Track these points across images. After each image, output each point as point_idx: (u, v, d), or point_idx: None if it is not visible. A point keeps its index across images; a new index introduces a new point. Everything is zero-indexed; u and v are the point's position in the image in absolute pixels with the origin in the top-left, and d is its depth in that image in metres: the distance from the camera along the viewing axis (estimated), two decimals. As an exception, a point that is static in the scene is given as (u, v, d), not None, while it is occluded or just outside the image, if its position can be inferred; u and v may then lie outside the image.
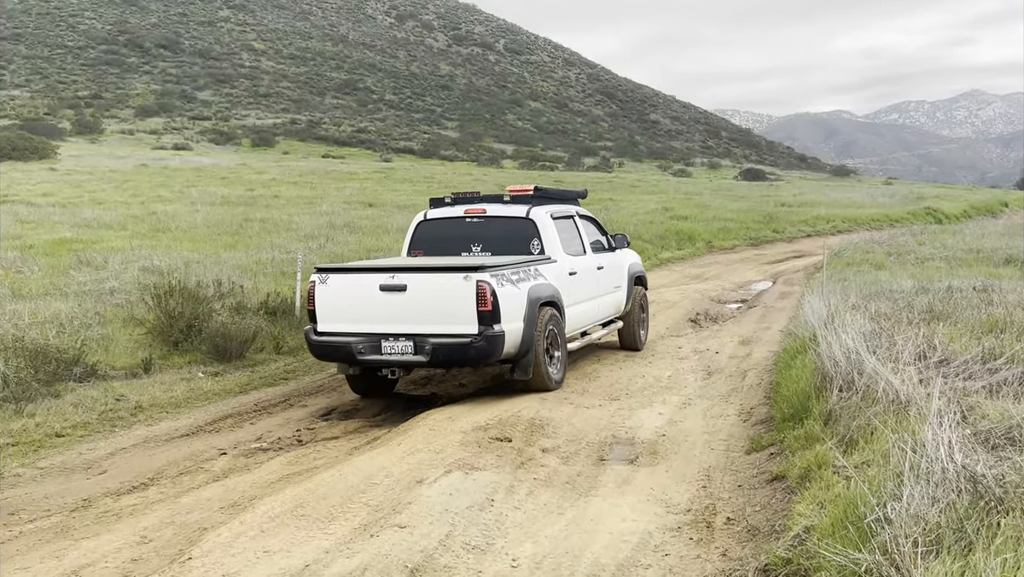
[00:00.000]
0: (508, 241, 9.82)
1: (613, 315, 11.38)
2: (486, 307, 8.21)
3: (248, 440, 7.82)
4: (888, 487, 4.34)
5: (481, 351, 8.24)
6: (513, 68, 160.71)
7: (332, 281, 8.63)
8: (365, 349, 8.47)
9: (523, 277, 8.75)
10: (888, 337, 7.82)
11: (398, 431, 7.70)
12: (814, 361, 7.74)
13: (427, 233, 10.11)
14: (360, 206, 27.71)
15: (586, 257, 10.49)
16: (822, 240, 27.48)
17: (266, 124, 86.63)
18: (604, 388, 9.54)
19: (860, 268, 18.03)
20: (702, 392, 9.46)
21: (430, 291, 8.32)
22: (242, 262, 15.52)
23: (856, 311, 9.51)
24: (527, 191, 10.29)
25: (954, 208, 44.35)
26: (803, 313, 11.07)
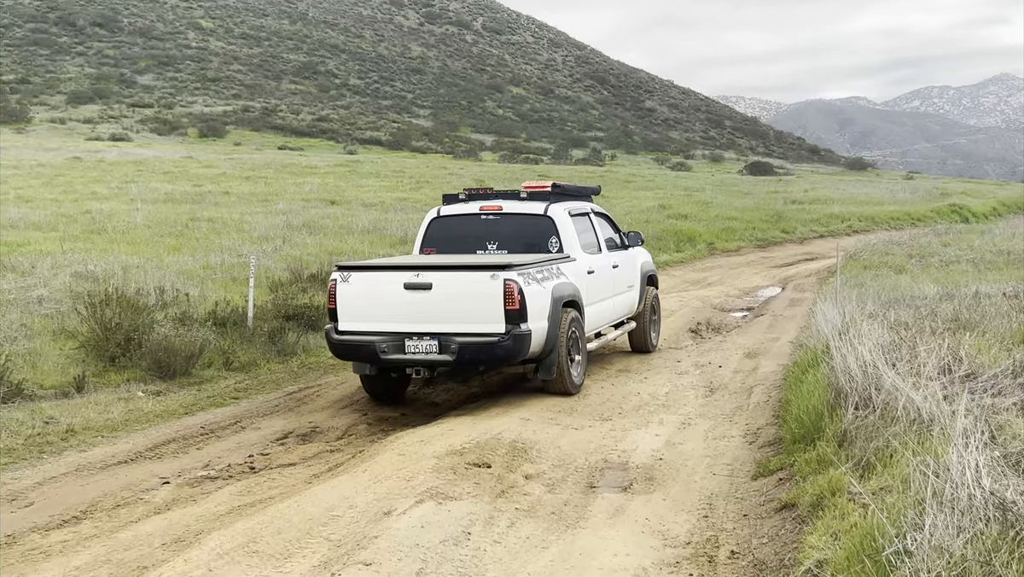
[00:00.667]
0: (525, 239, 10.60)
1: (626, 315, 12.13)
2: (513, 306, 8.97)
3: (194, 467, 7.78)
4: (909, 516, 4.37)
5: (508, 350, 8.99)
6: (493, 50, 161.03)
7: (354, 279, 9.35)
8: (388, 348, 9.17)
9: (547, 276, 9.53)
10: (909, 349, 7.88)
11: (363, 457, 7.68)
12: (827, 376, 7.79)
13: (440, 230, 10.81)
14: (321, 204, 27.66)
15: (602, 255, 11.26)
16: (836, 241, 27.69)
17: (215, 112, 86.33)
18: (594, 407, 9.56)
19: (878, 272, 18.16)
20: (703, 411, 9.49)
21: (456, 290, 9.07)
22: (187, 267, 15.45)
23: (874, 320, 9.58)
24: (544, 187, 11.01)
25: (982, 205, 44.80)
26: (815, 322, 11.14)
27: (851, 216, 36.58)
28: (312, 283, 14.71)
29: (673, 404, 9.79)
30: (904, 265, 19.33)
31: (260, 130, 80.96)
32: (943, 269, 18.16)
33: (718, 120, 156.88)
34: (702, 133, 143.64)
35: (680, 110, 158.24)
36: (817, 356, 9.15)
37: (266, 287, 14.19)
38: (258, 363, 11.34)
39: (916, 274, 17.24)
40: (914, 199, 47.10)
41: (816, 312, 11.95)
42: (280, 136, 79.02)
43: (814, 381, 8.14)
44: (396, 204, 28.42)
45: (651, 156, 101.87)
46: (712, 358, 12.43)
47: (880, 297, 12.65)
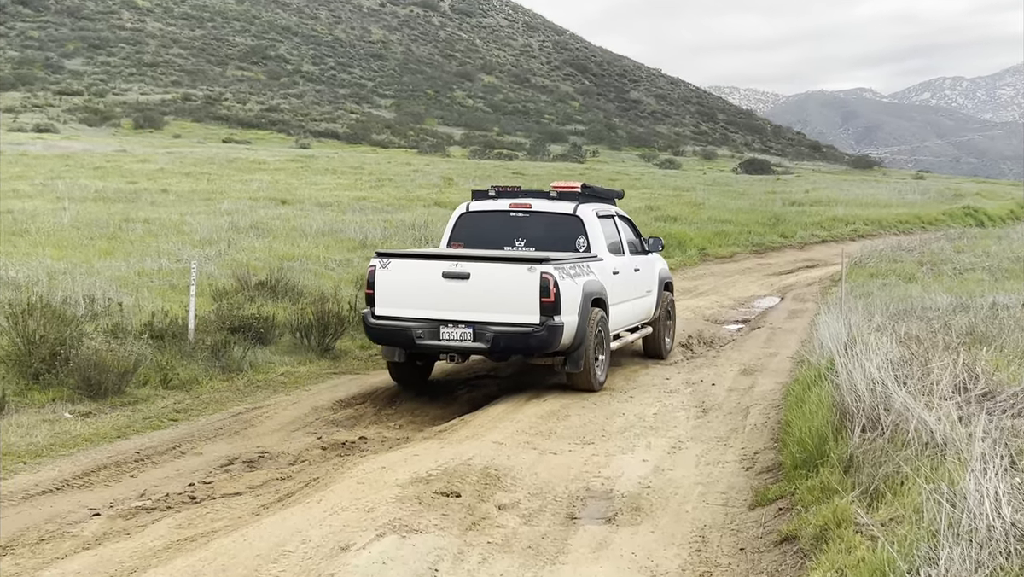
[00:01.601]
0: (553, 238, 12.02)
1: (643, 320, 13.49)
2: (549, 299, 10.47)
3: (128, 497, 7.70)
4: (922, 549, 4.40)
5: (542, 340, 10.54)
6: (462, 34, 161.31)
7: (393, 266, 10.91)
8: (424, 334, 10.70)
9: (579, 272, 11.06)
10: (921, 365, 7.95)
11: (317, 485, 7.64)
12: (831, 395, 7.84)
13: (468, 226, 12.32)
14: (270, 203, 27.57)
15: (625, 258, 12.74)
16: (840, 246, 27.92)
17: (152, 101, 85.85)
18: (575, 429, 9.57)
19: (886, 281, 18.33)
20: (695, 433, 9.52)
21: (493, 280, 10.61)
22: (121, 273, 15.34)
23: (882, 333, 9.66)
24: (573, 188, 12.51)
25: (998, 208, 45.33)
26: (818, 336, 11.22)
27: (856, 219, 36.91)
28: (260, 291, 14.65)
29: (662, 426, 9.82)
30: (914, 273, 19.52)
31: (202, 121, 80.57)
32: (957, 277, 18.36)
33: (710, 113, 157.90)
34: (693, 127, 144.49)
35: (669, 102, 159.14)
36: (820, 373, 9.21)
37: (209, 296, 14.11)
38: (200, 381, 11.26)
39: (927, 283, 17.41)
40: (924, 201, 47.59)
41: (818, 325, 12.03)
42: (225, 128, 78.67)
43: (817, 401, 8.19)
44: (354, 204, 28.38)
45: (637, 152, 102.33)
46: (704, 375, 12.48)
47: (888, 308, 12.76)
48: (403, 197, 32.43)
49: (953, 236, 28.42)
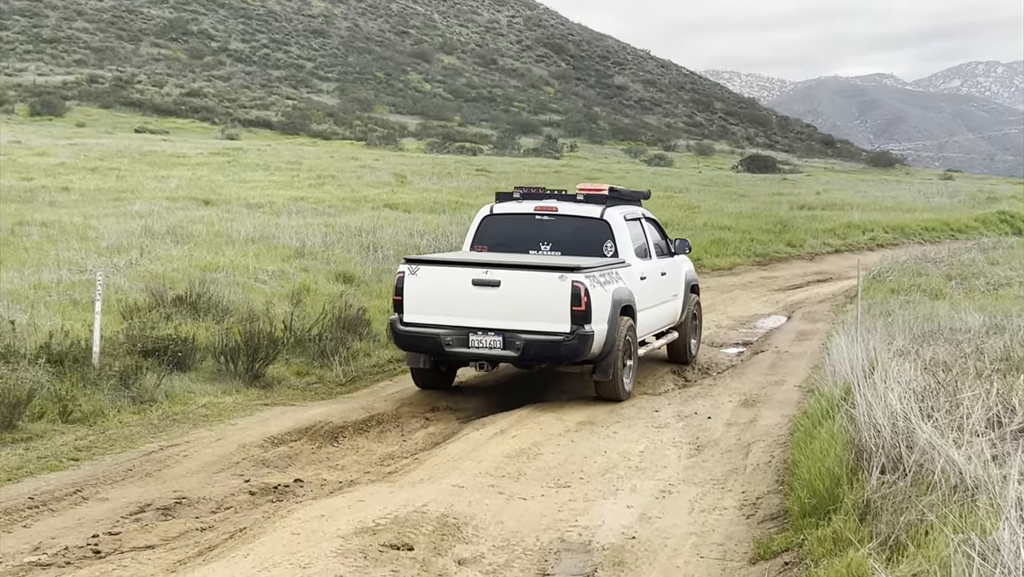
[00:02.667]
0: (579, 242, 13.52)
1: (669, 324, 15.06)
2: (580, 307, 11.95)
3: (19, 551, 7.63)
4: (949, 609, 4.43)
5: (572, 349, 12.04)
6: (418, 7, 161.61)
7: (422, 273, 12.44)
8: (453, 341, 12.25)
9: (608, 280, 12.53)
10: (949, 396, 8.03)
11: (245, 536, 7.59)
12: (846, 430, 7.89)
13: (492, 228, 13.84)
14: (191, 204, 27.44)
15: (652, 262, 14.30)
16: (856, 257, 28.16)
17: (51, 83, 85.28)
18: (548, 470, 9.57)
19: (909, 297, 18.49)
20: (688, 475, 9.55)
21: (524, 288, 12.13)
22: (13, 286, 15.20)
23: (904, 359, 9.74)
24: (600, 191, 13.99)
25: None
26: (830, 361, 11.30)
27: (874, 226, 37.20)
28: (178, 308, 14.56)
29: (650, 466, 9.84)
30: (942, 289, 19.70)
31: (111, 107, 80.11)
32: (991, 294, 18.54)
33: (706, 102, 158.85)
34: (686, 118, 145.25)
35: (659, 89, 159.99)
36: (833, 404, 9.27)
37: (118, 313, 14.01)
38: (106, 413, 11.16)
39: (957, 300, 17.57)
40: (953, 205, 48.06)
41: (831, 348, 12.12)
42: (138, 115, 78.28)
43: (829, 437, 8.24)
44: (290, 205, 28.31)
45: (621, 147, 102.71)
46: (699, 407, 12.52)
47: (912, 329, 12.87)
48: (348, 198, 32.38)
49: (987, 246, 28.70)
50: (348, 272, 18.84)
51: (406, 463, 9.90)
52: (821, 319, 19.91)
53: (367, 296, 17.30)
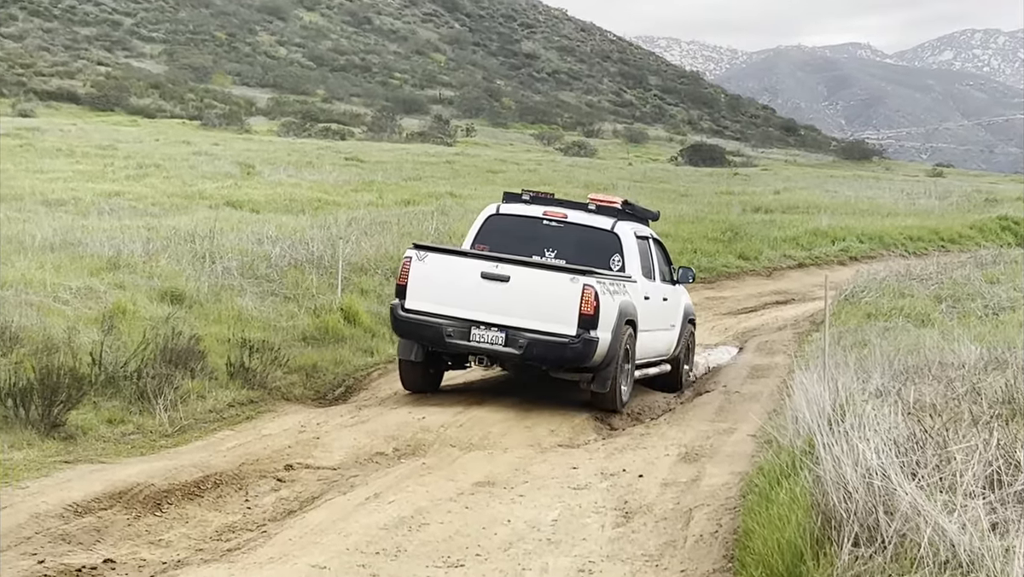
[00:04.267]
0: (586, 252, 16.07)
1: (663, 355, 17.43)
2: (588, 312, 14.56)
3: None
4: None
5: (577, 353, 14.64)
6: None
7: (430, 260, 15.17)
8: (454, 333, 14.87)
9: (617, 291, 15.22)
10: (938, 448, 8.11)
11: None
12: (810, 491, 7.92)
13: (497, 227, 16.48)
14: (-28, 200, 26.88)
15: (655, 284, 17.01)
16: (823, 273, 28.51)
17: None
18: (436, 545, 9.52)
19: (889, 323, 18.75)
20: (614, 549, 9.55)
21: (533, 287, 14.80)
22: None
23: (883, 401, 9.84)
24: (613, 203, 16.93)
25: (1048, 220, 46.71)
26: (791, 404, 11.37)
27: (847, 233, 37.70)
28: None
29: (565, 539, 9.81)
30: (929, 313, 19.99)
31: None
32: (990, 320, 18.85)
33: (639, 76, 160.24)
34: (613, 96, 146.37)
35: (578, 58, 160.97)
36: (794, 459, 9.32)
37: None
38: None
39: (948, 327, 17.84)
40: (944, 208, 48.86)
41: (793, 388, 12.20)
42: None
43: (789, 500, 8.28)
44: (102, 203, 27.92)
45: (531, 131, 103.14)
46: (628, 462, 12.55)
47: (892, 364, 13.01)
48: (178, 193, 32.06)
49: (985, 260, 29.07)
50: (177, 289, 18.59)
51: (251, 537, 9.77)
52: (780, 351, 20.12)
53: (202, 321, 17.11)
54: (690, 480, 11.81)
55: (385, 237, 25.88)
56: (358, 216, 29.59)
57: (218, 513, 10.75)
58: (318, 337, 18.28)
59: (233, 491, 11.46)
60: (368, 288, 21.34)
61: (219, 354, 15.45)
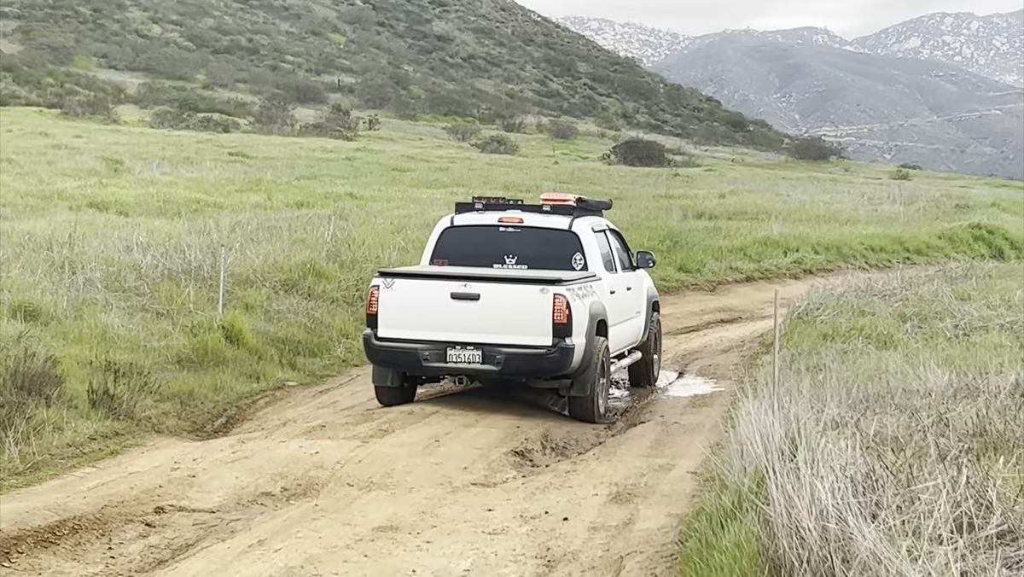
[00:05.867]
0: (546, 254, 17.97)
1: (632, 343, 19.56)
2: (561, 320, 16.22)
3: None
4: None
5: (555, 362, 16.37)
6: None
7: (398, 286, 16.84)
8: (431, 356, 16.59)
9: (586, 293, 16.91)
10: (901, 486, 8.16)
11: None
12: (757, 536, 7.96)
13: (453, 240, 18.23)
14: None
15: (618, 276, 18.90)
16: (774, 288, 28.69)
17: None
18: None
19: (848, 345, 18.89)
20: (533, 605, 9.53)
21: (504, 301, 16.54)
22: None
23: (839, 433, 9.91)
24: (567, 201, 18.55)
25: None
26: (737, 437, 11.42)
27: (800, 243, 37.95)
28: None
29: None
30: (892, 333, 20.14)
31: None
32: (960, 342, 19.02)
33: (566, 62, 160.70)
34: (537, 85, 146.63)
35: (498, 41, 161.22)
36: (740, 499, 9.37)
37: None
38: None
39: (913, 350, 17.98)
40: (910, 215, 49.27)
41: (738, 418, 12.25)
42: None
43: (734, 546, 8.32)
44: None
45: (443, 123, 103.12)
46: (551, 503, 12.54)
47: (851, 392, 13.09)
48: (33, 193, 31.79)
49: (955, 274, 29.29)
50: (31, 304, 18.38)
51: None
52: (725, 376, 20.22)
53: (60, 340, 16.94)
54: (621, 524, 11.82)
55: (275, 244, 25.74)
56: (243, 220, 29.41)
57: (76, 563, 10.65)
58: (195, 360, 18.14)
59: (94, 538, 11.36)
60: (254, 303, 21.17)
61: (80, 379, 15.29)
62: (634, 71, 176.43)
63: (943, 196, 59.64)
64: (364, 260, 25.64)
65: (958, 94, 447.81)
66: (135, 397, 15.47)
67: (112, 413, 15.05)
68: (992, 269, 31.60)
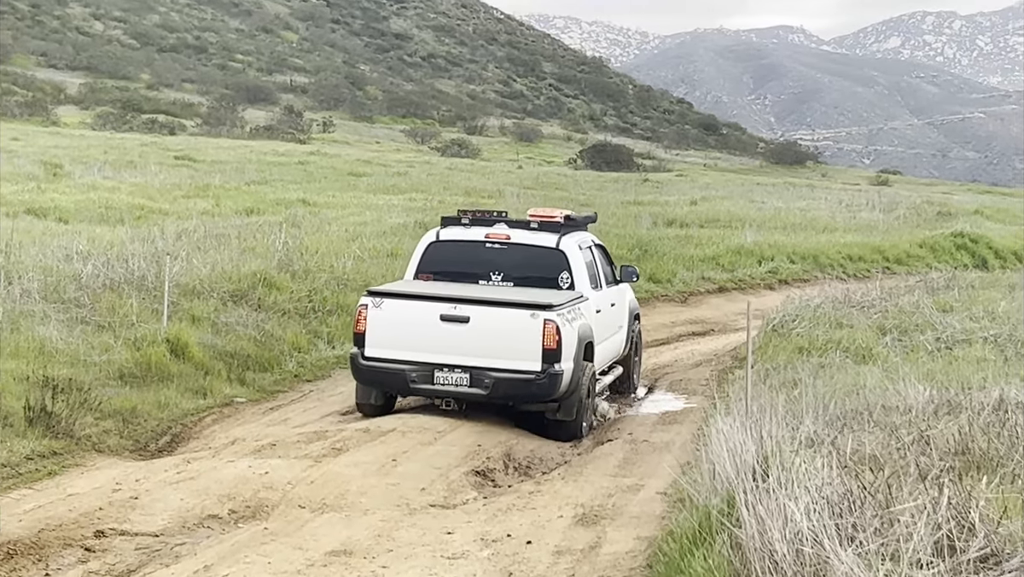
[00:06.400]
0: (533, 272, 18.60)
1: (615, 358, 20.36)
2: (552, 346, 16.84)
3: None
4: None
5: (543, 388, 16.94)
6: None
7: (387, 306, 17.40)
8: (418, 378, 17.19)
9: (575, 316, 17.49)
10: (879, 507, 8.16)
11: None
12: (729, 560, 7.96)
13: (438, 255, 18.92)
14: None
15: (603, 292, 19.52)
16: (747, 299, 28.75)
17: None
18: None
19: (824, 359, 18.93)
20: (494, 634, 9.51)
21: (494, 325, 17.11)
22: None
23: (815, 452, 9.91)
24: (554, 218, 19.05)
25: (1012, 236, 47.36)
26: (708, 456, 11.42)
27: (775, 252, 38.02)
28: None
29: (435, 622, 9.78)
30: (871, 347, 20.19)
31: None
32: (942, 356, 19.08)
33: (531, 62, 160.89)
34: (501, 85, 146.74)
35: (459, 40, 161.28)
36: (711, 521, 9.35)
37: None
38: None
39: (893, 364, 18.03)
40: (890, 222, 49.38)
41: (710, 436, 12.25)
42: None
43: (705, 572, 8.31)
44: None
45: (401, 126, 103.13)
46: (514, 526, 12.52)
47: (828, 408, 13.12)
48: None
49: (937, 284, 29.38)
50: (-36, 317, 18.32)
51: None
52: (697, 392, 20.25)
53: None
54: (588, 547, 11.81)
55: (223, 253, 25.68)
56: (190, 227, 29.35)
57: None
58: (138, 375, 18.07)
59: (30, 563, 11.30)
60: (201, 315, 21.09)
61: (16, 395, 15.23)
62: (602, 71, 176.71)
63: (924, 203, 59.86)
64: (317, 270, 25.61)
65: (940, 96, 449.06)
66: (75, 414, 15.38)
67: (50, 431, 14.98)
68: (975, 279, 31.75)
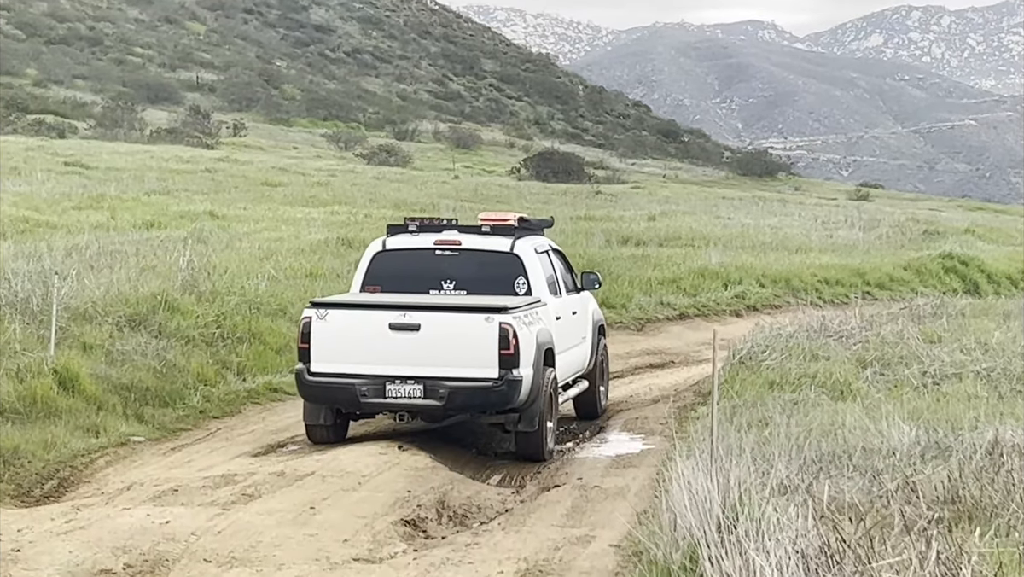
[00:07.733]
0: (487, 278, 19.37)
1: (578, 372, 21.24)
2: (509, 351, 17.50)
3: None
4: None
5: (502, 395, 17.68)
6: None
7: (332, 317, 18.05)
8: (369, 392, 17.83)
9: (532, 320, 18.26)
10: (859, 563, 8.21)
11: None
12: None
13: (385, 266, 19.57)
14: None
15: (563, 299, 20.48)
16: (712, 327, 28.84)
17: None
18: None
19: (798, 395, 18.97)
20: None
21: (446, 332, 17.82)
22: None
23: (789, 500, 9.94)
24: (507, 221, 19.93)
25: (1006, 259, 47.56)
26: (668, 504, 11.45)
27: (743, 275, 38.12)
28: None
29: None
30: (851, 382, 20.23)
31: None
32: (929, 392, 19.14)
33: (469, 59, 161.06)
34: (435, 85, 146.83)
35: (388, 33, 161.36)
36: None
37: None
38: None
39: (874, 401, 18.08)
40: (871, 242, 49.58)
41: (670, 481, 12.27)
42: None
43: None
44: None
45: (322, 129, 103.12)
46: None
47: (803, 451, 13.15)
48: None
49: (923, 312, 29.48)
50: None
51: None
52: (654, 431, 20.26)
53: None
54: (531, 608, 11.82)
55: (119, 272, 25.58)
56: (81, 243, 29.26)
57: None
58: (21, 410, 17.99)
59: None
60: (94, 342, 21.00)
61: None
62: (549, 70, 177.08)
63: (909, 220, 60.11)
64: (227, 292, 25.49)
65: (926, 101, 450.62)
66: (-52, 455, 15.31)
67: (-80, 474, 14.89)
68: (966, 306, 31.77)
